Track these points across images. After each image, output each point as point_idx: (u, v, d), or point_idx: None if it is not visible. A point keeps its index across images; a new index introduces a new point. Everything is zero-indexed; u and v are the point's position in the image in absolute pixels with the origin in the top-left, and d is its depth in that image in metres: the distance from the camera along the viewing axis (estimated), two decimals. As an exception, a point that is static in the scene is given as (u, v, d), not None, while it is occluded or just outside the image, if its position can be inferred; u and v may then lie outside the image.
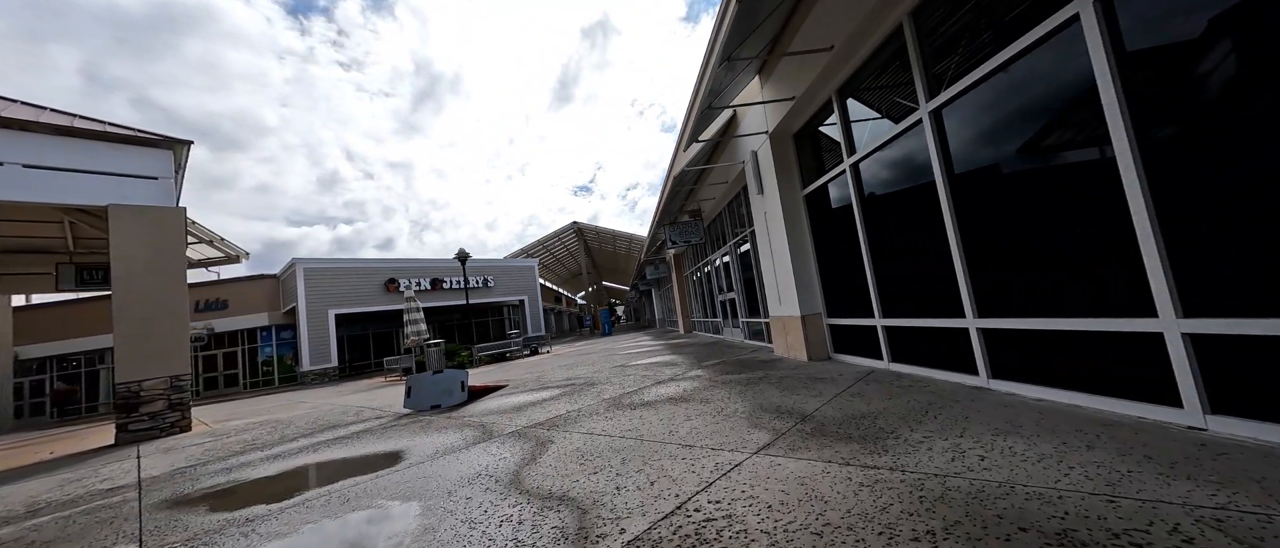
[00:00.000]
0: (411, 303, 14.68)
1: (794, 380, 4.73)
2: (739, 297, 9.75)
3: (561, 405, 5.12)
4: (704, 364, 6.94)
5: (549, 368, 9.94)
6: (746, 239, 8.72)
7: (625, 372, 7.32)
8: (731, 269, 9.93)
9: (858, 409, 3.37)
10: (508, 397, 6.33)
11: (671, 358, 8.49)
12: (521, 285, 28.42)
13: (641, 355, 9.68)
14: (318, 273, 20.41)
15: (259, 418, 7.88)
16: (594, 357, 11.24)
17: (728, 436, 3.14)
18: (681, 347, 10.64)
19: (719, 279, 11.53)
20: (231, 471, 4.16)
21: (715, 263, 11.59)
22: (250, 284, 21.99)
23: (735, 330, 10.45)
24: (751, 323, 9.24)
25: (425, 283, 23.53)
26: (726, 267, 10.53)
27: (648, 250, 17.51)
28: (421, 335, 14.55)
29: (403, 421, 5.68)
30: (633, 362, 8.69)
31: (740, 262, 9.60)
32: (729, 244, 9.85)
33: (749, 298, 9.34)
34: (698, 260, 13.82)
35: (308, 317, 19.79)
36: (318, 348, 19.83)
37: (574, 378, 7.42)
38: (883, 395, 3.65)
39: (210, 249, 23.48)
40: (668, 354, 9.26)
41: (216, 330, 21.42)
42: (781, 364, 5.88)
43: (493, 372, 11.33)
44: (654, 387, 5.50)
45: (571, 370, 8.71)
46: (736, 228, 9.46)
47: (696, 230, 10.92)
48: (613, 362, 9.23)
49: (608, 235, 36.67)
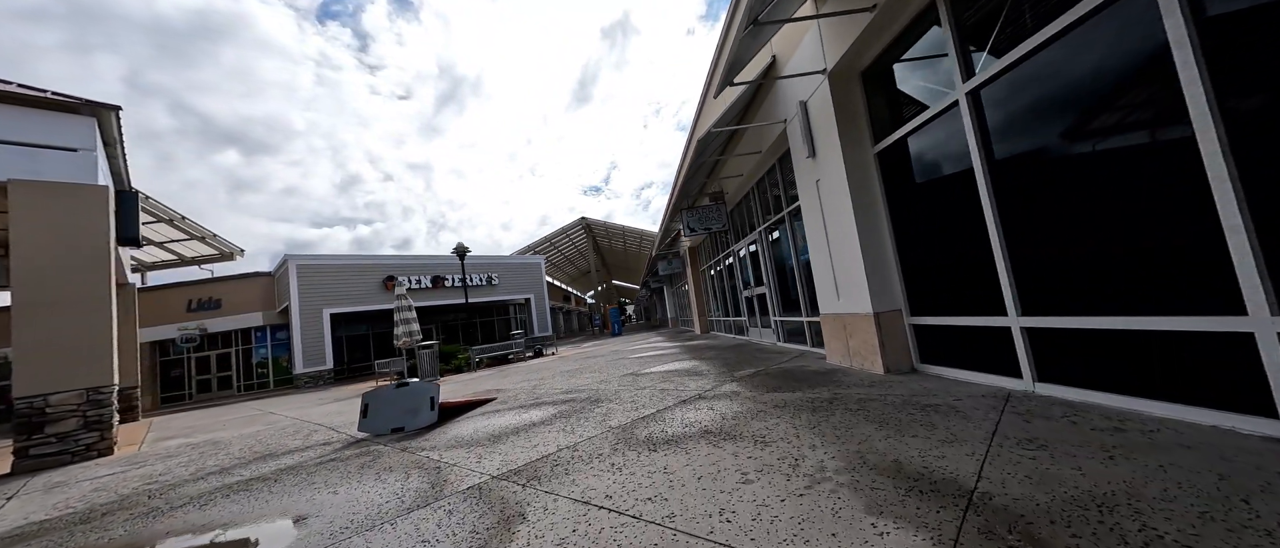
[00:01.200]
0: (402, 300, 13.45)
1: (887, 407, 3.29)
2: (771, 292, 8.29)
3: (553, 437, 3.74)
4: (737, 375, 5.51)
5: (550, 375, 8.59)
6: (782, 222, 7.27)
7: (638, 383, 5.93)
8: (761, 260, 8.48)
9: (1069, 483, 1.89)
10: (489, 417, 4.97)
11: (693, 364, 7.07)
12: (527, 283, 27.18)
13: (656, 360, 8.29)
14: (311, 270, 19.32)
15: (199, 438, 6.62)
16: (601, 360, 9.88)
17: (834, 536, 1.72)
18: (701, 350, 9.22)
19: (744, 272, 10.08)
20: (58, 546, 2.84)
21: (739, 254, 10.13)
22: (244, 283, 21.01)
23: (765, 331, 8.99)
24: (788, 322, 7.78)
25: (426, 280, 22.37)
26: (754, 257, 9.08)
27: (660, 243, 16.09)
28: (413, 336, 13.31)
29: (350, 450, 4.34)
30: (647, 368, 7.31)
31: (773, 251, 8.14)
32: (758, 231, 8.40)
33: (785, 293, 7.88)
34: (717, 253, 12.38)
35: (301, 316, 18.72)
36: (312, 349, 18.75)
37: (576, 391, 6.05)
38: (1091, 452, 2.15)
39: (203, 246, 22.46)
40: (687, 359, 7.86)
41: (209, 331, 20.47)
42: (847, 378, 4.43)
43: (488, 378, 10.01)
44: (677, 409, 4.09)
45: (574, 379, 7.34)
46: (767, 211, 8.01)
47: (718, 216, 9.48)
48: (622, 367, 7.85)
49: (617, 232, 35.32)
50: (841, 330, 4.98)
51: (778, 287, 8.10)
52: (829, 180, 4.83)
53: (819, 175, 5.03)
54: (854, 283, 4.61)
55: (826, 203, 4.96)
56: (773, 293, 8.22)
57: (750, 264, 9.34)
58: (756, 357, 6.94)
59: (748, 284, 9.77)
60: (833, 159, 4.67)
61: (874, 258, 4.41)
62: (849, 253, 4.62)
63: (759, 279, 8.90)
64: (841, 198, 4.61)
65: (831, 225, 4.93)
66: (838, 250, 4.87)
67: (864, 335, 4.52)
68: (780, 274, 7.99)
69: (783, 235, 7.55)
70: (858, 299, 4.58)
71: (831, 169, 4.73)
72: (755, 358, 6.82)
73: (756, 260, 8.90)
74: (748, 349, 8.20)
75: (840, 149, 4.51)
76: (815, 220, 5.31)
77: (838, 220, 4.77)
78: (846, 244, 4.65)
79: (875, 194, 4.50)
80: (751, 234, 8.86)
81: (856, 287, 4.57)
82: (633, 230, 33.49)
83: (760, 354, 7.22)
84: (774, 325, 8.30)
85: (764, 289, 8.56)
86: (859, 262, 4.45)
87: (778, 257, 7.93)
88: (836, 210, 4.76)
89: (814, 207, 5.27)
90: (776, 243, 7.97)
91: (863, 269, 4.40)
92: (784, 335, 7.99)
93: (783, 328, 8.01)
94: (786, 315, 7.82)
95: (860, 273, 4.46)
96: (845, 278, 4.80)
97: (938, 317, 4.01)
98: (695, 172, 7.92)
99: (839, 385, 4.10)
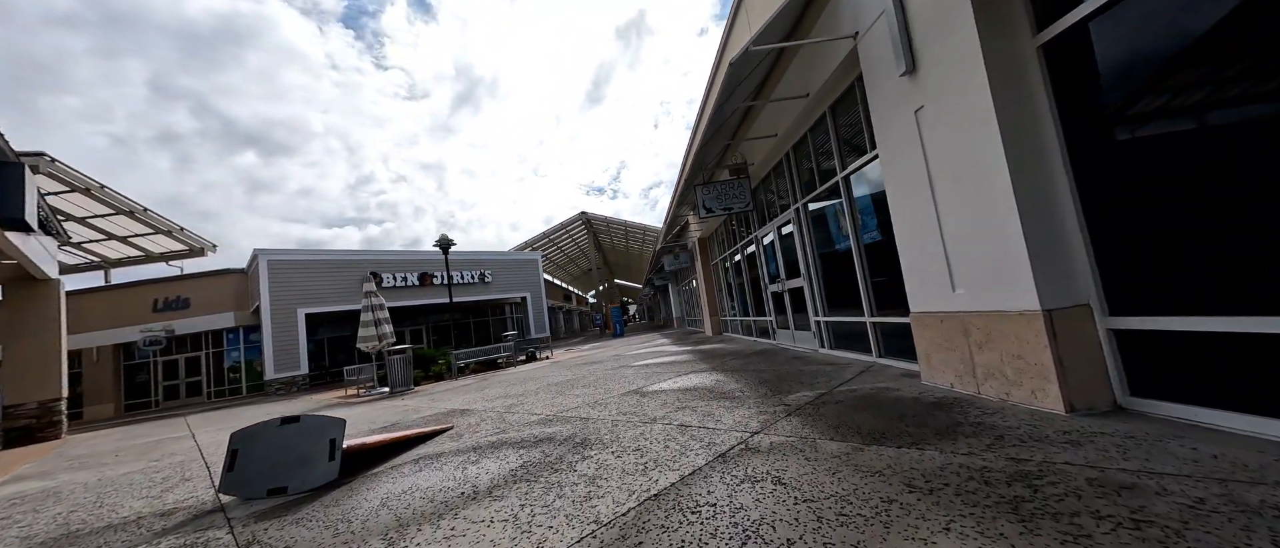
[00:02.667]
0: (372, 298, 11.77)
1: (1167, 509, 1.55)
2: (814, 285, 6.54)
3: (498, 536, 2.02)
4: (789, 402, 3.77)
5: (534, 389, 6.87)
6: (833, 193, 5.53)
7: (644, 409, 4.20)
8: (800, 244, 6.74)
9: None
10: (419, 473, 3.25)
11: (716, 380, 5.33)
12: (523, 281, 25.49)
13: (665, 370, 6.57)
14: (284, 267, 17.68)
15: (33, 487, 4.92)
16: (600, 368, 8.18)
17: None
18: (720, 357, 7.49)
19: (771, 262, 8.33)
20: None
21: (764, 240, 8.39)
22: (215, 280, 19.40)
23: (801, 334, 7.24)
24: (838, 324, 6.04)
25: (412, 277, 20.72)
26: (787, 243, 7.33)
27: (666, 235, 14.36)
28: (384, 339, 11.64)
29: (168, 541, 2.64)
30: (655, 383, 5.57)
31: (815, 231, 6.39)
32: (794, 208, 6.66)
33: (833, 286, 6.14)
34: (732, 243, 10.65)
35: (272, 317, 17.07)
36: (284, 353, 17.11)
37: (558, 419, 4.32)
38: None
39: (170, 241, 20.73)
40: (705, 369, 6.13)
41: (176, 332, 18.88)
42: (996, 418, 2.69)
43: (462, 391, 8.30)
44: (715, 474, 2.37)
45: (562, 397, 5.62)
46: (809, 182, 6.28)
47: (740, 193, 7.74)
48: (623, 380, 6.13)
49: (618, 227, 33.60)
50: (961, 337, 3.23)
51: (822, 278, 6.35)
52: (945, 103, 3.08)
53: (923, 101, 3.28)
54: (993, 261, 2.87)
55: (937, 141, 3.21)
56: (815, 286, 6.47)
57: (781, 251, 7.59)
58: (803, 371, 5.19)
59: (775, 276, 8.02)
60: (956, 66, 2.93)
61: (1039, 218, 2.67)
62: (983, 214, 2.88)
63: (794, 269, 7.15)
64: (973, 127, 2.86)
65: (945, 174, 3.18)
66: (956, 212, 3.13)
67: (1014, 346, 2.77)
68: (827, 262, 6.24)
69: (833, 211, 5.81)
70: (1000, 288, 2.84)
71: (952, 84, 2.99)
72: (802, 373, 5.07)
73: (791, 246, 7.15)
74: (781, 358, 6.45)
75: (977, 43, 2.76)
76: (909, 173, 3.56)
77: (960, 164, 3.03)
78: (978, 200, 2.90)
79: (1038, 114, 2.74)
80: (784, 213, 7.11)
81: (998, 268, 2.83)
82: (635, 225, 31.75)
83: (805, 367, 5.46)
84: (817, 327, 6.55)
85: (802, 282, 6.81)
86: (1008, 225, 2.70)
87: (824, 239, 6.18)
88: (958, 148, 3.02)
89: (907, 152, 3.52)
90: (821, 221, 6.23)
91: (1020, 236, 2.65)
92: (831, 340, 6.24)
93: (829, 331, 6.25)
94: (835, 315, 6.07)
95: (1010, 243, 2.71)
96: (973, 255, 3.05)
97: (1176, 318, 2.26)
98: (716, 130, 6.16)
99: (1004, 441, 2.35)
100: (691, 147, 6.93)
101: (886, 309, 4.88)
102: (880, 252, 4.84)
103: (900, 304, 4.14)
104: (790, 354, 6.72)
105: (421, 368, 12.94)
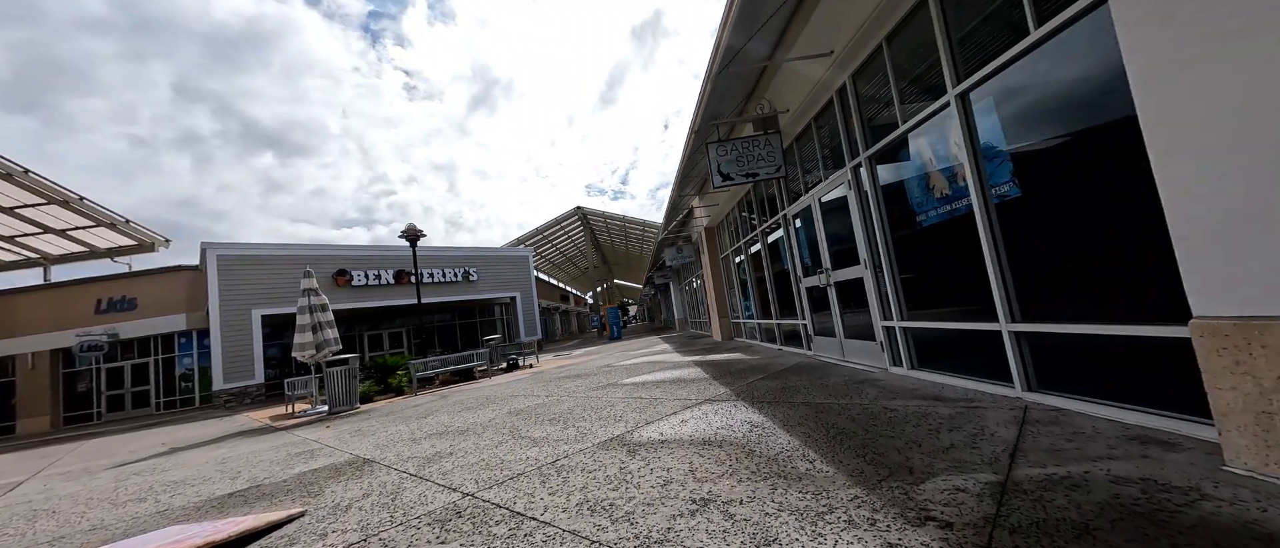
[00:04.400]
0: (312, 296, 9.79)
1: None
2: (882, 276, 4.56)
3: None
4: (923, 496, 1.80)
5: (485, 424, 4.88)
6: (931, 132, 3.56)
7: (629, 490, 2.23)
8: (860, 217, 4.76)
9: None
10: None
11: (745, 426, 3.35)
12: (513, 279, 23.52)
13: (665, 397, 4.59)
14: (236, 262, 15.70)
15: None
16: (583, 384, 6.20)
17: None
18: (737, 374, 5.51)
19: (805, 248, 6.36)
20: None
21: (795, 221, 6.42)
22: (165, 278, 17.42)
23: (856, 345, 5.27)
24: (931, 334, 4.05)
25: (387, 275, 18.74)
26: (834, 218, 5.37)
27: (668, 225, 12.37)
28: (324, 346, 9.68)
29: None
30: (649, 423, 3.58)
31: (886, 202, 4.41)
32: (848, 170, 4.70)
33: (913, 277, 4.16)
34: (748, 232, 8.68)
35: (221, 319, 15.09)
36: (236, 360, 15.12)
37: (477, 515, 2.35)
38: None
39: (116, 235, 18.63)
40: (724, 401, 4.15)
41: (122, 336, 16.93)
42: None
43: (394, 420, 6.29)
44: None
45: (511, 445, 3.63)
46: (874, 129, 4.31)
47: (768, 153, 5.74)
48: (607, 413, 4.14)
49: (617, 224, 31.64)
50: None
51: (896, 266, 4.36)
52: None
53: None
54: None
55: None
56: (886, 277, 4.48)
57: (824, 232, 5.61)
58: (892, 413, 3.19)
59: (815, 267, 6.05)
60: None
61: None
62: None
63: (847, 256, 5.17)
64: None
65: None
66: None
67: None
68: (906, 244, 4.25)
69: (918, 164, 3.84)
70: None
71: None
72: (895, 417, 3.07)
73: (842, 223, 5.17)
74: (834, 380, 4.46)
75: None
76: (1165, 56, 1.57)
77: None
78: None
79: None
80: (832, 177, 5.14)
81: None
82: (634, 220, 29.78)
83: (890, 402, 3.47)
84: (886, 337, 4.57)
85: (860, 272, 4.83)
86: None
87: (901, 209, 4.19)
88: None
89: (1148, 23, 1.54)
90: (898, 188, 4.25)
91: None
92: (912, 356, 4.24)
93: (910, 343, 4.26)
94: (923, 318, 4.09)
95: None
96: None
97: None
98: (745, 43, 4.16)
99: None
100: (707, 82, 4.94)
101: (1042, 308, 2.90)
102: (1029, 218, 2.87)
103: (1065, 303, 2.17)
104: (845, 375, 4.72)
105: (379, 380, 10.97)
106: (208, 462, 5.11)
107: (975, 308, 3.38)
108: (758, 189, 7.88)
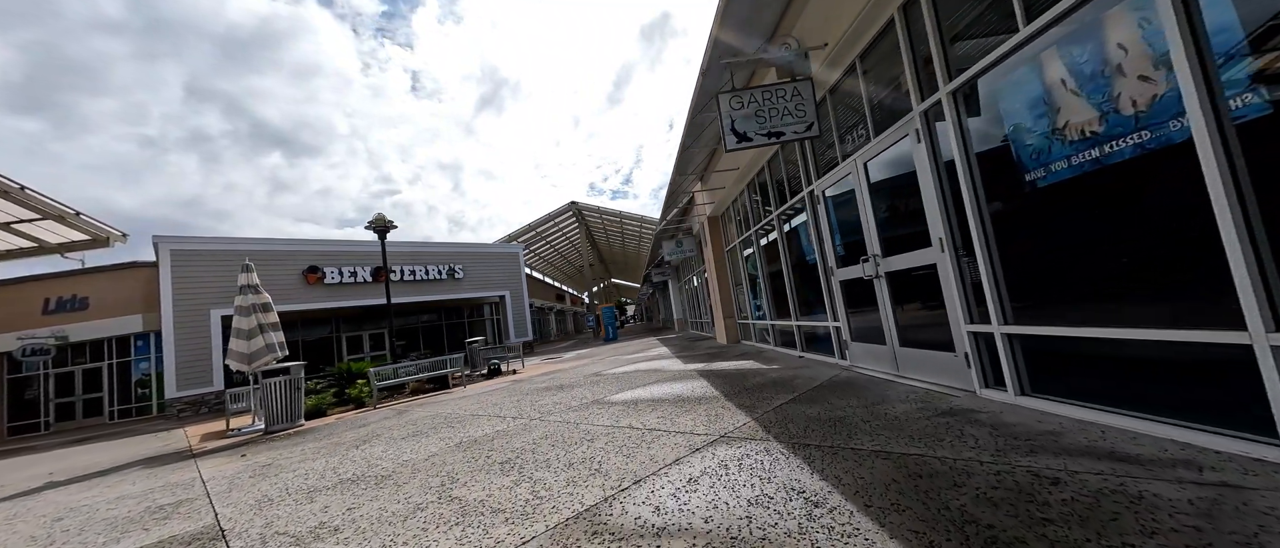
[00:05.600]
0: (252, 294, 8.44)
1: None
2: (962, 265, 3.27)
3: None
4: None
5: (420, 464, 3.56)
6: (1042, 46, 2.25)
7: None
8: (935, 183, 3.47)
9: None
10: None
11: (798, 496, 2.05)
12: (502, 277, 22.19)
13: (663, 429, 3.29)
14: (191, 258, 14.33)
15: None
16: (568, 397, 4.87)
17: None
18: (759, 392, 4.22)
19: (840, 231, 5.06)
20: None
21: (830, 195, 5.12)
22: (120, 276, 16.04)
23: (915, 356, 3.98)
24: (1036, 337, 2.74)
25: (364, 272, 17.39)
26: (887, 188, 4.08)
27: (667, 212, 11.05)
28: (264, 353, 8.32)
29: None
30: (634, 492, 2.28)
31: (981, 162, 3.10)
32: (916, 112, 3.40)
33: (1024, 262, 2.85)
34: (757, 220, 7.38)
35: (175, 320, 13.73)
36: (191, 366, 13.76)
37: None
38: None
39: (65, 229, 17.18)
40: (751, 443, 2.86)
41: (72, 339, 15.55)
42: None
43: (324, 448, 4.94)
44: None
45: (452, 502, 2.31)
46: (954, 66, 3.01)
47: (799, 106, 4.43)
48: (583, 454, 2.83)
49: (613, 219, 30.32)
50: None
51: (994, 247, 3.05)
52: None
53: None
54: None
55: None
56: (978, 262, 3.18)
57: (870, 206, 4.30)
58: (1091, 496, 1.88)
59: (852, 255, 4.75)
60: None
61: None
62: None
63: (907, 238, 3.87)
64: None
65: None
66: None
67: None
68: (1009, 217, 2.95)
69: (1028, 96, 2.55)
70: None
71: None
72: (1096, 507, 1.76)
73: (896, 195, 3.88)
74: (906, 407, 3.16)
75: None
76: None
77: None
78: None
79: None
80: (889, 130, 3.84)
81: None
82: (630, 215, 28.47)
83: (1045, 466, 2.16)
84: (979, 346, 3.27)
85: (934, 255, 3.54)
86: None
87: (1003, 165, 2.88)
88: None
89: None
90: (998, 134, 2.95)
91: None
92: (1022, 378, 2.93)
93: (1019, 356, 2.95)
94: (1032, 320, 2.78)
95: None
96: None
97: None
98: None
99: None
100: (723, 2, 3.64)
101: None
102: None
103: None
104: (912, 399, 3.42)
105: (336, 393, 9.64)
106: (42, 518, 3.78)
107: (1165, 305, 2.08)
108: (774, 166, 6.58)
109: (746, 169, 7.51)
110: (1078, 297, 2.64)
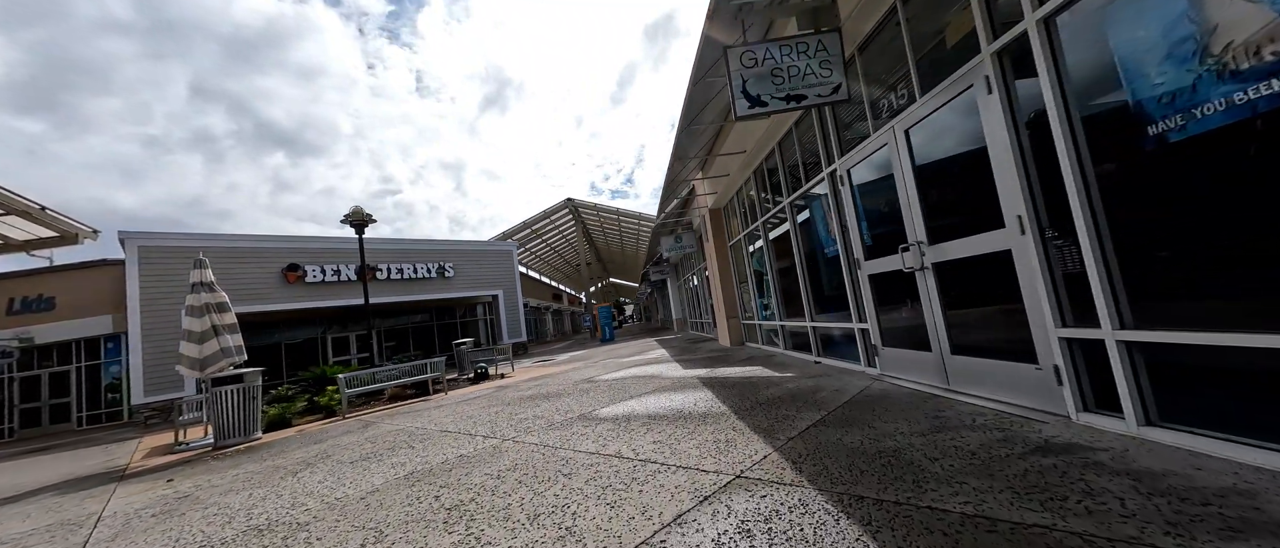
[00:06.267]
0: (205, 292, 7.63)
1: None
2: (1049, 252, 2.49)
3: None
4: None
5: (364, 494, 2.79)
6: None
7: None
8: (1012, 144, 2.69)
9: None
10: None
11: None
12: (495, 276, 21.41)
13: (663, 459, 2.55)
14: (161, 253, 13.54)
15: None
16: (552, 409, 4.09)
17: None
18: (780, 409, 3.46)
19: (866, 218, 4.29)
20: None
21: (858, 169, 4.34)
22: (89, 274, 15.24)
23: (970, 365, 3.21)
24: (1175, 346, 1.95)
25: (349, 270, 16.58)
26: (932, 159, 3.30)
27: (666, 203, 10.28)
28: (215, 357, 7.48)
29: None
30: None
31: (1087, 126, 2.32)
32: (986, 53, 2.63)
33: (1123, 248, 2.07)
34: (766, 210, 6.61)
35: (143, 322, 12.93)
36: (161, 369, 12.96)
37: None
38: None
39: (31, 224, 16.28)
40: (776, 479, 2.10)
41: (37, 341, 14.74)
42: None
43: (270, 471, 4.17)
44: None
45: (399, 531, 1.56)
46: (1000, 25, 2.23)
47: (826, 65, 3.67)
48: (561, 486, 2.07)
49: (610, 217, 29.52)
50: None
51: (1105, 226, 2.27)
52: None
53: None
54: None
55: None
56: (1084, 246, 2.42)
57: (913, 183, 3.52)
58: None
59: (882, 247, 3.98)
60: None
61: None
62: None
63: (968, 219, 3.10)
64: None
65: None
66: None
67: None
68: (1126, 188, 2.17)
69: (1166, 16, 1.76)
70: None
71: None
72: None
73: (948, 166, 3.11)
74: (980, 438, 2.40)
75: None
76: None
77: None
78: None
79: None
80: (941, 86, 3.06)
81: None
82: (628, 212, 27.66)
83: None
84: (1074, 358, 2.50)
85: (1010, 238, 2.77)
86: None
87: (1117, 118, 2.11)
88: None
89: None
90: (1109, 76, 2.17)
91: None
92: (1148, 406, 2.16)
93: (1143, 376, 2.17)
94: (1171, 324, 2.00)
95: None
96: None
97: None
98: None
99: None
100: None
101: None
102: None
103: None
104: (979, 425, 2.65)
105: (305, 401, 8.84)
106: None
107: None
108: (787, 147, 5.80)
109: (755, 151, 6.73)
110: (1225, 292, 1.87)
